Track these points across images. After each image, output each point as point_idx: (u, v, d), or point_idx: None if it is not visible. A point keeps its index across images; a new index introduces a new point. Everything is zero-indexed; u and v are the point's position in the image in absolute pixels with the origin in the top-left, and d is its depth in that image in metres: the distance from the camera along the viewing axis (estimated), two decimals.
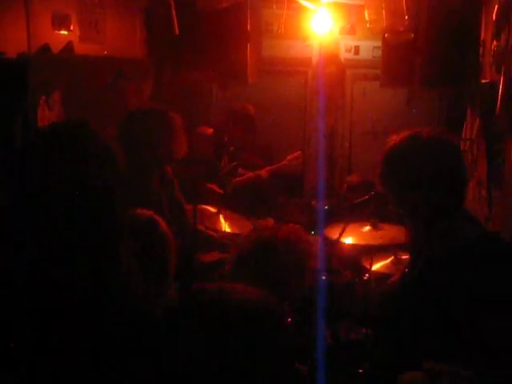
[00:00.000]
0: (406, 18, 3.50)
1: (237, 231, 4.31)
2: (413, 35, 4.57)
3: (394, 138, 2.38)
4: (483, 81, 4.14)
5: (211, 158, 5.26)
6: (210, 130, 5.39)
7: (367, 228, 3.93)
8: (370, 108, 6.19)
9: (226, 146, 5.33)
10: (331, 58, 6.12)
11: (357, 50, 6.17)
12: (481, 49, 4.44)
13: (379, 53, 5.62)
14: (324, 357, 2.03)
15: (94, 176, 1.72)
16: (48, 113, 4.08)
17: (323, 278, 2.80)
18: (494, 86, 3.64)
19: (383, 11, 3.59)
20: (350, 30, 6.09)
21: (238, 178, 5.23)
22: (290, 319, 1.74)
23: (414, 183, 2.23)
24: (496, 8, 3.87)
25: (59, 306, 1.59)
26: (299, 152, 5.62)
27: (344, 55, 6.21)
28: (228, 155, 5.38)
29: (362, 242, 3.86)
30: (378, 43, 5.61)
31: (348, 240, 3.83)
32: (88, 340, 1.58)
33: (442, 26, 4.77)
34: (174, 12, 4.49)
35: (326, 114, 6.12)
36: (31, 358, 1.55)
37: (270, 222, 4.35)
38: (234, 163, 5.28)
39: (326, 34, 5.93)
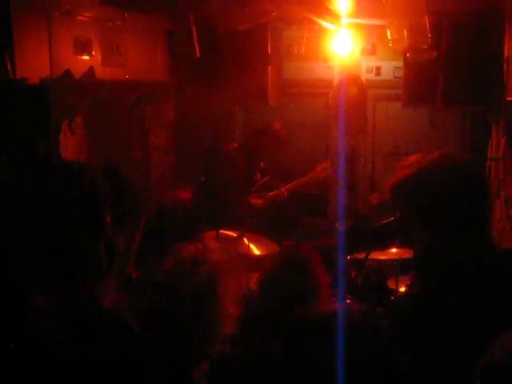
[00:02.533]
0: (429, 36, 3.44)
1: (263, 253, 4.28)
2: (435, 53, 4.53)
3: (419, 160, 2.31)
4: (509, 98, 4.08)
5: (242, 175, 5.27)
6: (235, 144, 5.40)
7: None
8: (393, 129, 6.13)
9: (256, 161, 5.34)
10: (352, 79, 6.09)
11: (378, 70, 6.13)
12: (505, 66, 4.39)
13: (401, 73, 5.59)
14: None
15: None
16: (70, 137, 4.09)
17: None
18: None
19: (405, 30, 3.55)
20: (371, 51, 6.06)
21: (269, 194, 5.28)
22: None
23: (439, 205, 2.16)
24: None
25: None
26: (328, 161, 5.62)
27: (365, 76, 6.17)
28: (259, 171, 5.41)
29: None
30: (400, 63, 5.59)
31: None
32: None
33: (464, 44, 4.74)
34: (195, 34, 4.50)
35: (348, 136, 6.08)
36: None
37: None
38: (266, 178, 5.32)
39: (347, 55, 5.90)
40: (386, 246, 3.87)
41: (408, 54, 4.69)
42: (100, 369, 1.58)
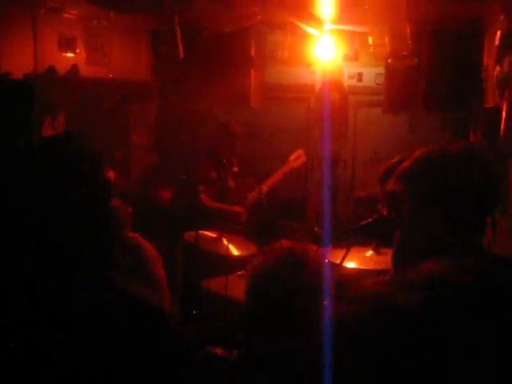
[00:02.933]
0: (410, 42, 3.50)
1: (243, 253, 4.31)
2: (416, 60, 4.61)
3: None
4: (487, 105, 4.16)
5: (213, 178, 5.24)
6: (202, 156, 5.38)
7: (369, 253, 3.91)
8: (373, 135, 6.21)
9: (226, 166, 5.30)
10: (335, 85, 6.15)
11: (360, 76, 6.20)
12: (483, 74, 4.47)
13: (382, 80, 5.68)
14: None
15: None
16: (53, 133, 4.09)
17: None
18: (497, 110, 3.66)
19: (386, 36, 3.61)
20: (354, 57, 6.13)
21: (248, 197, 5.28)
22: None
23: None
24: (498, 34, 3.90)
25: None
26: (299, 150, 5.63)
27: (347, 82, 6.24)
28: (233, 176, 5.39)
29: (364, 267, 3.83)
30: (381, 70, 5.68)
31: (350, 265, 3.80)
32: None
33: (444, 51, 4.82)
34: (179, 35, 4.53)
35: (329, 140, 6.14)
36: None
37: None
38: (240, 182, 5.33)
39: (330, 61, 5.98)
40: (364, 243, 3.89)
41: (389, 61, 4.76)
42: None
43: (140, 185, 5.29)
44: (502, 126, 3.39)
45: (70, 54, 4.44)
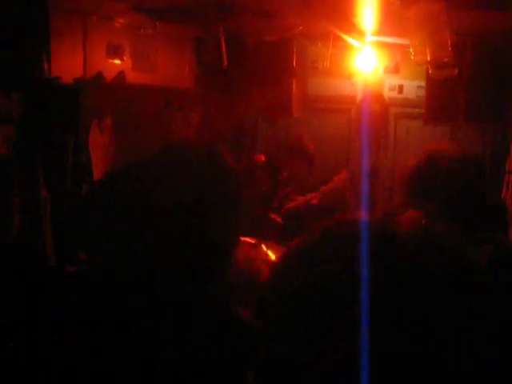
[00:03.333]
0: (450, 49, 3.54)
1: None
2: (457, 71, 4.63)
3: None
4: None
5: (267, 187, 5.32)
6: (263, 157, 5.45)
7: None
8: (413, 146, 6.21)
9: (279, 173, 5.39)
10: (375, 97, 6.20)
11: (401, 88, 6.24)
12: None
13: (423, 92, 5.71)
14: None
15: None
16: (99, 135, 4.24)
17: None
18: None
19: (427, 43, 3.66)
20: (394, 69, 6.18)
21: (289, 205, 5.31)
22: None
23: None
24: None
25: None
26: (344, 172, 5.68)
27: (388, 94, 6.28)
28: (283, 183, 5.46)
29: None
30: (422, 83, 5.70)
31: None
32: None
33: (486, 62, 4.83)
34: (223, 44, 4.65)
35: (369, 152, 6.17)
36: None
37: None
38: (289, 189, 5.37)
39: (371, 73, 6.04)
40: None
41: (430, 71, 4.78)
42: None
43: None
44: None
45: (117, 61, 4.58)
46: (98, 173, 4.11)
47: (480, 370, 0.77)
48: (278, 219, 5.22)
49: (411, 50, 3.69)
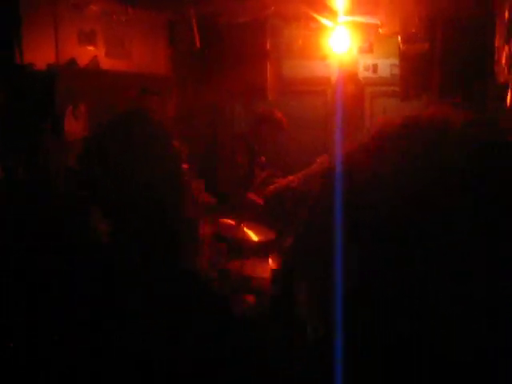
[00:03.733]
0: (417, 20, 3.58)
1: (261, 239, 4.39)
2: (428, 45, 4.67)
3: None
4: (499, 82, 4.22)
5: (242, 162, 5.32)
6: (241, 140, 5.44)
7: None
8: None
9: (256, 156, 5.40)
10: (350, 77, 6.24)
11: (375, 68, 6.28)
12: (496, 55, 4.52)
13: (397, 70, 5.74)
14: None
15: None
16: (74, 122, 4.23)
17: None
18: (506, 86, 3.71)
19: (395, 14, 3.70)
20: (368, 49, 6.22)
21: (270, 187, 5.32)
22: None
23: None
24: (506, 13, 3.96)
25: None
26: (326, 156, 5.70)
27: (362, 73, 6.32)
28: (260, 166, 5.48)
29: None
30: (396, 61, 5.74)
31: None
32: None
33: (457, 36, 4.87)
34: (195, 26, 4.65)
35: (346, 132, 6.21)
36: None
37: None
38: (266, 172, 5.38)
39: (345, 53, 6.08)
40: None
41: (401, 46, 4.82)
42: None
43: None
44: (508, 100, 3.45)
45: (90, 48, 4.57)
46: (73, 158, 4.11)
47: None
48: (258, 200, 5.24)
49: (378, 22, 3.72)
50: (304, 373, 0.78)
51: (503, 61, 4.08)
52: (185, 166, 4.12)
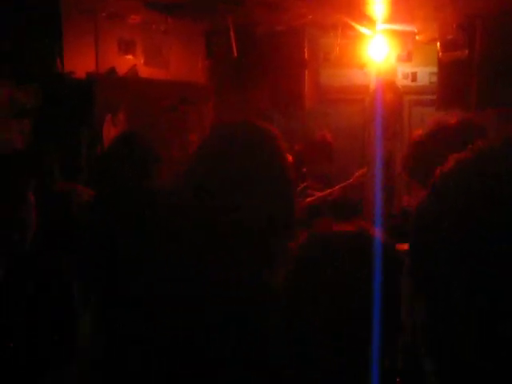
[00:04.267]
0: (455, 26, 3.56)
1: None
2: (467, 51, 4.62)
3: None
4: None
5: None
6: (289, 157, 5.43)
7: None
8: None
9: (300, 168, 5.42)
10: (388, 85, 6.20)
11: (414, 76, 6.24)
12: None
13: (436, 79, 5.70)
14: None
15: None
16: (113, 130, 4.31)
17: None
18: None
19: (432, 21, 3.68)
20: (407, 57, 6.18)
21: (308, 199, 5.31)
22: None
23: None
24: None
25: None
26: (365, 168, 5.68)
27: (401, 82, 6.28)
28: (302, 177, 5.48)
29: None
30: (435, 69, 5.69)
31: None
32: None
33: (497, 44, 4.81)
34: (233, 35, 4.70)
35: (384, 140, 6.18)
36: None
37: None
38: (306, 183, 5.39)
39: (383, 61, 6.05)
40: None
41: (440, 54, 4.78)
42: None
43: None
44: None
45: (129, 57, 4.66)
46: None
47: None
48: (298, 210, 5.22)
49: (415, 29, 3.70)
50: None
51: None
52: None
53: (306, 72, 5.81)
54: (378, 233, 1.45)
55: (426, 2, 3.55)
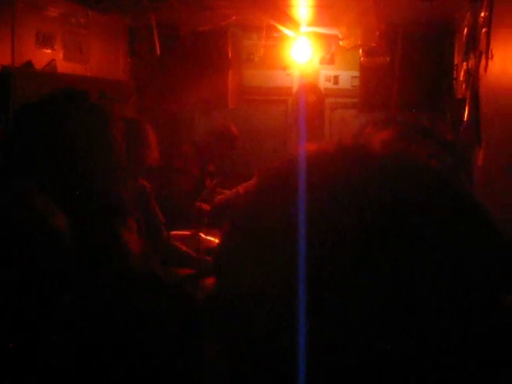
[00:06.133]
0: (377, 33, 3.62)
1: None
2: (388, 58, 4.72)
3: None
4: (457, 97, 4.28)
5: (194, 172, 5.27)
6: (189, 148, 5.39)
7: None
8: (349, 135, 6.30)
9: (207, 165, 5.37)
10: (311, 88, 6.27)
11: (336, 79, 6.33)
12: (455, 72, 4.60)
13: (358, 82, 5.79)
14: None
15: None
16: None
17: None
18: (463, 101, 3.77)
19: (355, 27, 3.73)
20: (330, 60, 6.26)
21: (218, 197, 5.26)
22: None
23: None
24: (465, 31, 4.02)
25: None
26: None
27: (324, 84, 6.36)
28: (209, 175, 5.44)
29: None
30: (356, 73, 5.79)
31: None
32: None
33: (417, 51, 4.94)
34: (156, 32, 4.61)
35: (306, 142, 6.22)
36: None
37: None
38: (215, 181, 5.35)
39: (306, 64, 6.11)
40: None
41: (362, 59, 4.86)
42: None
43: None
44: (466, 114, 3.50)
45: (47, 51, 4.48)
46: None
47: None
48: (206, 207, 5.17)
49: (339, 34, 3.74)
50: None
51: (461, 77, 4.14)
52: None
53: (230, 72, 5.79)
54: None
55: (350, 9, 3.59)
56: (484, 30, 3.11)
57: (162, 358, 1.52)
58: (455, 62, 4.71)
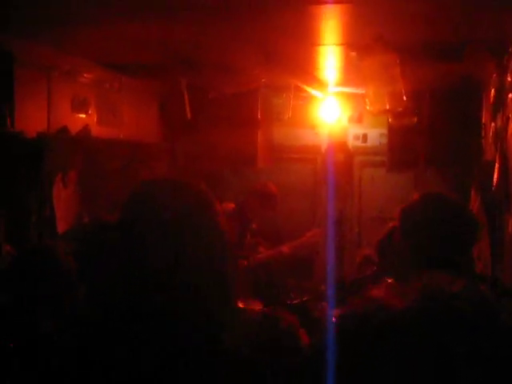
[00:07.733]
0: (404, 99, 3.66)
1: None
2: (416, 119, 4.75)
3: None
4: (485, 158, 4.28)
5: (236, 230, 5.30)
6: (232, 205, 5.43)
7: None
8: (378, 194, 6.31)
9: (249, 223, 5.40)
10: (340, 146, 6.31)
11: (365, 137, 6.37)
12: (483, 131, 4.61)
13: (386, 139, 5.83)
14: None
15: None
16: (63, 190, 4.24)
17: None
18: (493, 163, 3.76)
19: (382, 93, 3.76)
20: (358, 119, 6.31)
21: (258, 256, 5.28)
22: None
23: None
24: (492, 92, 4.05)
25: None
26: (317, 229, 5.70)
27: (352, 143, 6.40)
28: (250, 232, 5.46)
29: None
30: (385, 130, 5.83)
31: None
32: None
33: (444, 110, 4.97)
34: (186, 97, 4.72)
35: (335, 200, 6.25)
36: None
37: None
38: (254, 240, 5.37)
39: (335, 123, 6.17)
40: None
41: (390, 120, 4.90)
42: None
43: None
44: (495, 177, 3.49)
45: (82, 115, 4.62)
46: (61, 227, 4.10)
47: None
48: (244, 264, 5.18)
49: (367, 100, 3.79)
50: None
51: (490, 138, 4.15)
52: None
53: (259, 131, 5.88)
54: None
55: (377, 75, 3.64)
56: (511, 95, 3.13)
57: None
58: (483, 120, 4.73)
